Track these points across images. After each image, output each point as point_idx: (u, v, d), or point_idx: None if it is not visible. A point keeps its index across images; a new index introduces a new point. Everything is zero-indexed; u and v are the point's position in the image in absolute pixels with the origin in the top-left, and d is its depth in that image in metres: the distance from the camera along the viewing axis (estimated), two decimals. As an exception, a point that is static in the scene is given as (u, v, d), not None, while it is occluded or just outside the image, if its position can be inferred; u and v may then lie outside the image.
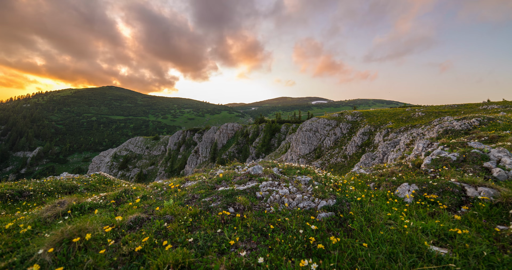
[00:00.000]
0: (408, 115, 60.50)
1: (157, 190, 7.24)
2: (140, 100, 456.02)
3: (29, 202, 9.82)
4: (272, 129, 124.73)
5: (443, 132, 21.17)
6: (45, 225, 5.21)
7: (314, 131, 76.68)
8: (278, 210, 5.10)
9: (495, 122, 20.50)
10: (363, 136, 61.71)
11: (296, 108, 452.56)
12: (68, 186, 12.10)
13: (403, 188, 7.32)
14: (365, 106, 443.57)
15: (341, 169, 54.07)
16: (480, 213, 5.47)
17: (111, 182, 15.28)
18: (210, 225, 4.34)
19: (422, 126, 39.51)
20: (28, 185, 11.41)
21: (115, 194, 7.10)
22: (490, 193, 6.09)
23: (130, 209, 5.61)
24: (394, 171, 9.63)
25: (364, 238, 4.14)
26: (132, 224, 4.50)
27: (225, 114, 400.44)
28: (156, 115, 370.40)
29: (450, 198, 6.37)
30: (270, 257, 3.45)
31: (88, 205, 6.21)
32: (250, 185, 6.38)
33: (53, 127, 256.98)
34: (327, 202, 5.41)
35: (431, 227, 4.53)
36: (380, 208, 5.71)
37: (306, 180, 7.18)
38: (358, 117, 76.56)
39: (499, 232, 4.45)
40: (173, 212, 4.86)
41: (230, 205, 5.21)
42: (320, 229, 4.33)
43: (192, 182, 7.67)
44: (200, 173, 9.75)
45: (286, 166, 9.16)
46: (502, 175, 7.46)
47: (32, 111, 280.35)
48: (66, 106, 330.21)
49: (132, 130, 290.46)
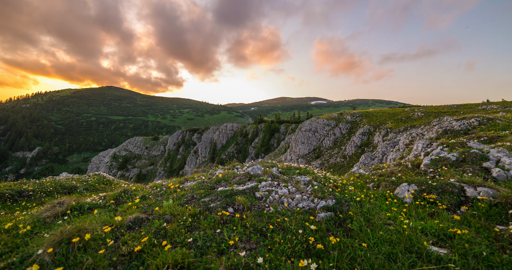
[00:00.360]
0: (408, 115, 60.56)
1: (156, 190, 7.23)
2: (140, 100, 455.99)
3: (29, 202, 9.81)
4: (271, 129, 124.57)
5: (442, 132, 21.18)
6: (44, 225, 5.22)
7: (314, 131, 76.70)
8: (277, 210, 5.10)
9: (494, 122, 20.52)
10: (363, 136, 61.76)
11: (295, 108, 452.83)
12: (68, 186, 12.10)
13: (403, 188, 7.33)
14: (364, 106, 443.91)
15: (340, 169, 54.10)
16: (480, 213, 5.48)
17: (110, 182, 15.28)
18: (210, 225, 4.34)
19: (421, 126, 39.56)
20: (27, 185, 11.41)
21: (114, 194, 7.10)
22: (489, 193, 6.09)
23: (129, 209, 5.61)
24: (394, 171, 9.64)
25: (364, 238, 4.14)
26: (132, 224, 4.50)
27: (224, 114, 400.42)
28: (156, 115, 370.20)
29: (450, 198, 6.37)
30: (269, 257, 3.45)
31: (87, 205, 6.20)
32: (249, 185, 6.38)
33: (52, 127, 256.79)
34: (327, 202, 5.41)
35: (431, 227, 4.53)
36: (379, 208, 5.72)
37: (305, 180, 7.18)
38: (357, 117, 76.60)
39: (498, 232, 4.46)
40: (172, 212, 4.86)
41: (230, 205, 5.21)
42: (320, 229, 4.33)
43: (192, 182, 7.66)
44: (199, 173, 9.74)
45: (285, 166, 9.16)
46: (502, 175, 7.46)
47: (32, 111, 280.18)
48: (65, 106, 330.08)
49: (131, 130, 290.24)
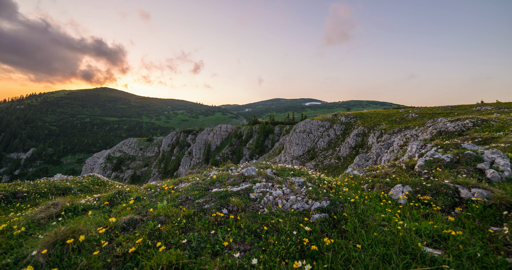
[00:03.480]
0: (402, 117, 60.85)
1: (150, 192, 7.21)
2: (134, 102, 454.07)
3: (23, 204, 9.74)
4: (265, 130, 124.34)
5: (436, 134, 21.32)
6: (38, 226, 5.20)
7: (308, 133, 76.77)
8: (271, 212, 5.10)
9: (488, 124, 20.71)
10: (357, 137, 61.89)
11: (289, 110, 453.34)
12: (62, 188, 12.01)
13: (397, 190, 7.36)
14: (358, 108, 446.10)
15: (334, 170, 54.17)
16: (474, 214, 5.50)
17: (104, 184, 15.21)
18: (204, 227, 4.33)
19: (415, 128, 39.83)
20: (21, 187, 11.33)
21: (108, 195, 7.06)
22: (483, 194, 6.12)
23: (123, 210, 5.59)
24: (388, 172, 9.67)
25: (358, 239, 4.15)
26: (126, 225, 4.48)
27: (218, 116, 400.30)
28: (150, 117, 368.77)
29: (444, 199, 6.39)
30: (263, 259, 3.45)
31: (81, 206, 6.17)
32: (243, 187, 6.38)
33: (46, 129, 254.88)
34: (321, 204, 5.42)
35: (425, 229, 4.55)
36: (373, 210, 5.73)
37: (299, 182, 7.18)
38: (351, 118, 76.81)
39: (492, 234, 4.48)
40: (166, 214, 4.85)
41: (224, 206, 5.21)
42: (314, 230, 4.34)
43: (186, 184, 7.64)
44: (193, 174, 9.73)
45: (279, 167, 9.17)
46: (496, 177, 7.52)
47: (26, 112, 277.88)
48: (59, 108, 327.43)
49: (125, 132, 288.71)
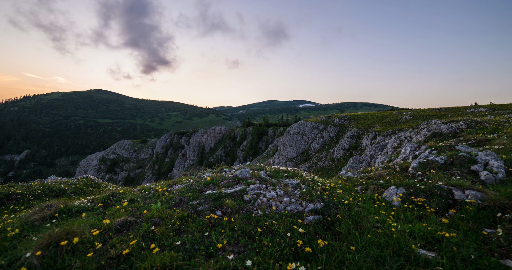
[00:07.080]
0: (396, 118, 61.14)
1: (144, 193, 7.18)
2: (128, 103, 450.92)
3: (17, 205, 9.72)
4: (259, 132, 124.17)
5: (430, 135, 21.44)
6: (32, 228, 5.18)
7: (302, 134, 76.85)
8: (265, 213, 5.10)
9: (482, 126, 20.88)
10: (351, 139, 62.06)
11: (283, 112, 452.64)
12: (56, 189, 11.97)
13: (391, 191, 7.37)
14: (352, 109, 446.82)
15: (328, 172, 54.23)
16: (468, 216, 5.50)
17: (98, 185, 15.17)
18: (198, 228, 4.32)
19: (409, 129, 40.01)
20: (15, 188, 11.30)
21: (102, 197, 7.02)
22: (477, 196, 6.14)
23: (117, 212, 5.56)
24: (382, 174, 9.70)
25: (352, 241, 4.17)
26: (120, 227, 4.46)
27: (212, 117, 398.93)
28: (144, 118, 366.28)
29: (438, 201, 6.42)
30: (257, 260, 3.45)
31: (75, 208, 6.14)
32: (237, 188, 6.36)
33: (40, 130, 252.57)
34: (315, 205, 5.43)
35: (419, 230, 4.56)
36: (367, 211, 5.76)
37: (293, 183, 7.19)
38: (345, 120, 77.03)
39: (486, 235, 4.51)
40: (160, 215, 4.83)
41: (218, 208, 5.20)
42: (308, 232, 4.35)
43: (180, 185, 7.62)
44: (187, 176, 9.69)
45: (273, 169, 9.18)
46: (490, 178, 7.57)
47: (20, 114, 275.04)
48: (53, 110, 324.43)
49: (119, 133, 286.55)
